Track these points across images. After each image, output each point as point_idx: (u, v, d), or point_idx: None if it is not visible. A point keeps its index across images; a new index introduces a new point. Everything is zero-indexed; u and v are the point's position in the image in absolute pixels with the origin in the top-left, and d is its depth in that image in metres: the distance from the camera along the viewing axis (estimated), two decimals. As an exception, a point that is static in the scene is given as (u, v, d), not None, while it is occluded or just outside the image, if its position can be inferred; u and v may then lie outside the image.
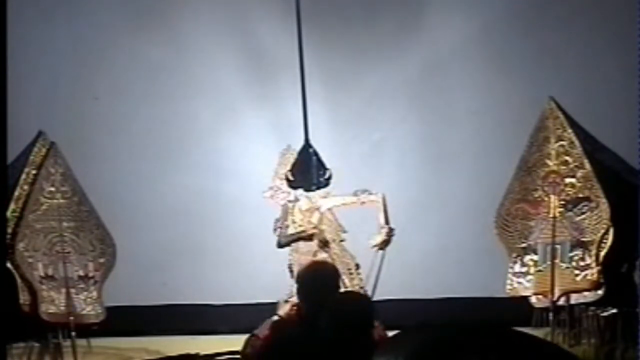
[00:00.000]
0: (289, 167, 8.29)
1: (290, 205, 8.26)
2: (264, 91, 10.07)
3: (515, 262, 8.90)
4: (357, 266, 8.05)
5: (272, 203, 8.36)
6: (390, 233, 8.05)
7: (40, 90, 9.93)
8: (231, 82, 10.08)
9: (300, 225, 8.24)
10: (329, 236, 8.26)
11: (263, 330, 5.52)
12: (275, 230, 8.30)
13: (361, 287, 7.81)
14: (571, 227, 8.73)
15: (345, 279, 8.02)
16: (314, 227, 8.15)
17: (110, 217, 9.06)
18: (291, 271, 8.28)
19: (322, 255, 8.18)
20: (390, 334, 4.34)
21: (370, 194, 8.20)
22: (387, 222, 8.11)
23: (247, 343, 5.56)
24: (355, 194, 8.24)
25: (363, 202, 8.20)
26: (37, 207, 8.75)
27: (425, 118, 10.13)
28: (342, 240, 8.26)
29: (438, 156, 10.10)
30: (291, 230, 8.17)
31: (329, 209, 8.29)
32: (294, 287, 5.77)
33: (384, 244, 8.03)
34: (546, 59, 9.80)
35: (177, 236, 9.92)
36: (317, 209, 8.27)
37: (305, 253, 8.29)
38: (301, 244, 8.26)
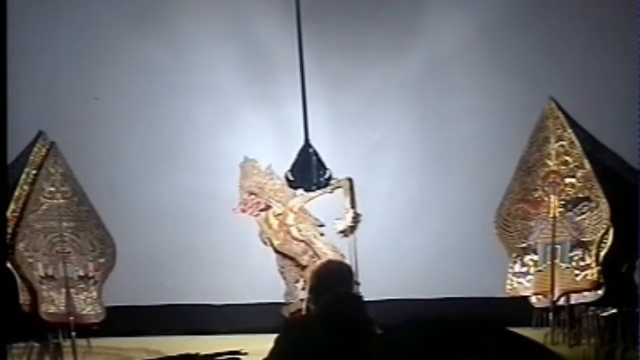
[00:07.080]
0: (250, 179, 8.31)
1: (263, 214, 8.27)
2: (264, 91, 10.07)
3: (515, 262, 8.90)
4: (342, 257, 8.02)
5: (245, 217, 8.34)
6: (356, 218, 8.02)
7: (40, 90, 9.93)
8: (231, 82, 10.08)
9: (277, 232, 8.27)
10: (308, 233, 8.25)
11: None
12: (264, 243, 8.32)
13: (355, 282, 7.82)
14: (571, 227, 8.74)
15: None
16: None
17: (110, 217, 9.06)
18: (284, 278, 8.32)
19: (308, 254, 8.19)
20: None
21: (337, 180, 8.23)
22: (352, 206, 8.07)
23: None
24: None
25: (331, 191, 8.21)
26: (37, 207, 8.76)
27: (425, 118, 10.13)
28: (321, 234, 8.26)
29: (438, 156, 10.09)
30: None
31: (301, 208, 8.29)
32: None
33: (350, 230, 8.01)
34: (546, 59, 9.79)
35: (177, 236, 9.92)
36: (291, 209, 8.28)
37: (292, 258, 8.31)
38: (287, 248, 8.27)
